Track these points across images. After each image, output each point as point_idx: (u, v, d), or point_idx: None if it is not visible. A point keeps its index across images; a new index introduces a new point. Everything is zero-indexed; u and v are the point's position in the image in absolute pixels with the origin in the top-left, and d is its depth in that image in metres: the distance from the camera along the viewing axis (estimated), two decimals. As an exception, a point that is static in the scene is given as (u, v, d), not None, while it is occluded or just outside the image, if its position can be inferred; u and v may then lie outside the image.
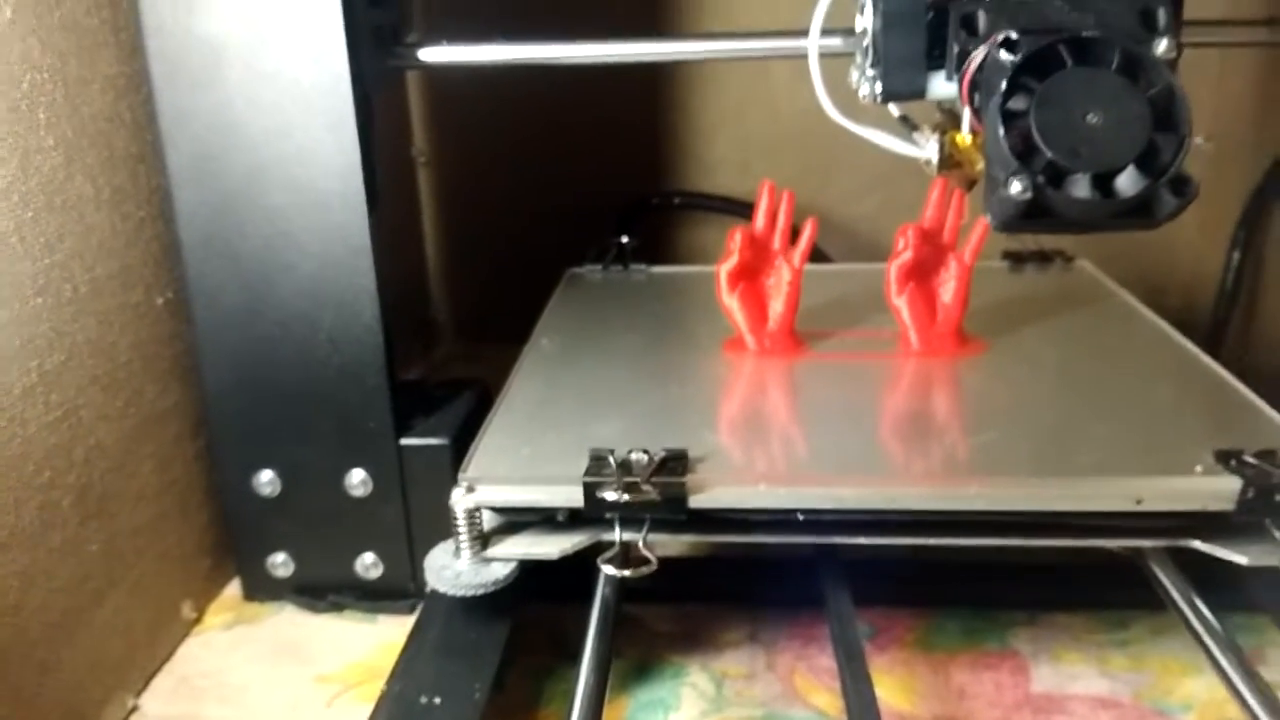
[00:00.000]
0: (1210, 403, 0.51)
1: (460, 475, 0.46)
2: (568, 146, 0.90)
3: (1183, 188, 0.37)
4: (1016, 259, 0.73)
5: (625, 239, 0.76)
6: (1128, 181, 0.37)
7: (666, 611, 0.59)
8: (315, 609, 0.60)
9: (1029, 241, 0.75)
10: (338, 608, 0.60)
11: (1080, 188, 0.37)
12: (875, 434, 0.49)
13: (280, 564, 0.59)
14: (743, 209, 0.87)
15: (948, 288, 0.57)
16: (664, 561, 0.63)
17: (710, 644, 0.56)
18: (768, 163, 0.89)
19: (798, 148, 0.87)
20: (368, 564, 0.59)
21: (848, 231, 0.90)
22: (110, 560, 0.51)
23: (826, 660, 0.54)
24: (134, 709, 0.52)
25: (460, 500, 0.45)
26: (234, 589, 0.62)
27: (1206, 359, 0.55)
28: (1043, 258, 0.73)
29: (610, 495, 0.43)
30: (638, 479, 0.43)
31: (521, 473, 0.46)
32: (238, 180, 0.52)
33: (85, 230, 0.49)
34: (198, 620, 0.59)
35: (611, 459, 0.45)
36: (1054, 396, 0.52)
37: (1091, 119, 0.38)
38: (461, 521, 0.45)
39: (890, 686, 0.52)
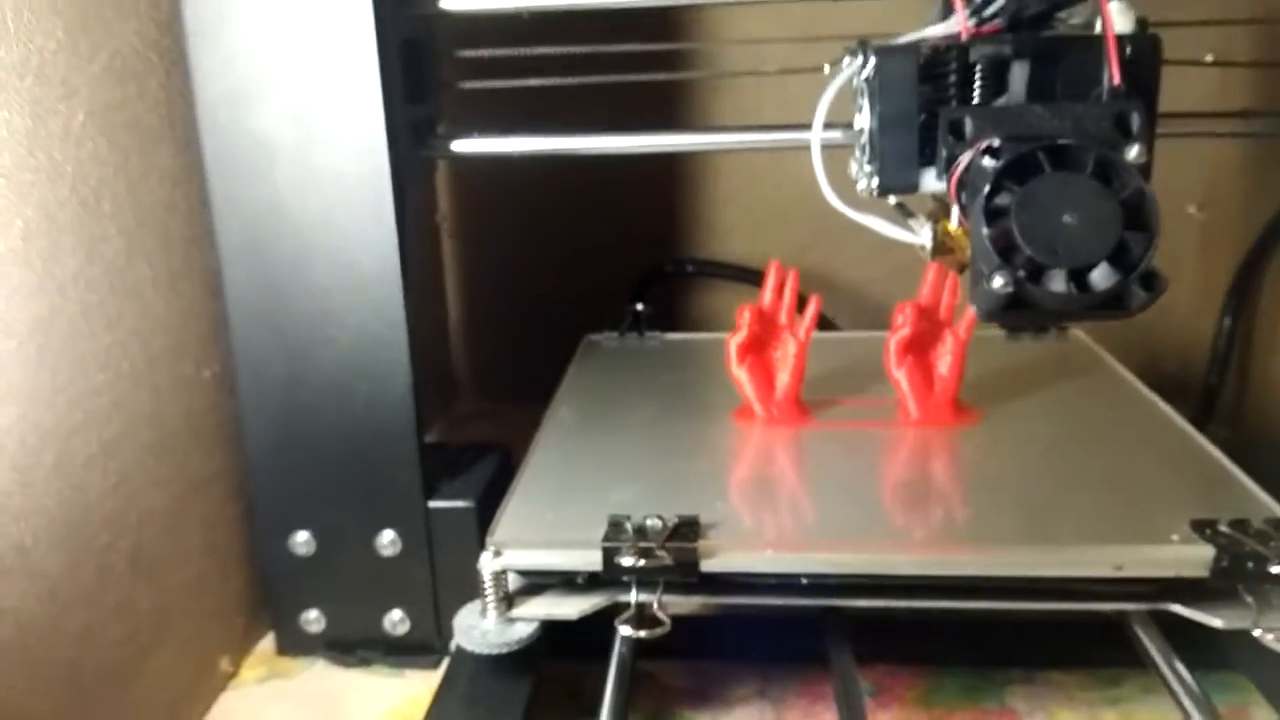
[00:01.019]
0: (1190, 473, 0.54)
1: (488, 539, 0.49)
2: (585, 215, 0.94)
3: (1152, 282, 0.41)
4: (1013, 329, 0.76)
5: (640, 306, 0.80)
6: (1101, 277, 0.41)
7: (680, 668, 0.61)
8: (345, 664, 0.63)
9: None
10: (366, 662, 0.63)
11: (1057, 282, 0.41)
12: (874, 502, 0.53)
13: (313, 620, 0.63)
14: (752, 276, 0.91)
15: (944, 361, 0.60)
16: (677, 619, 0.66)
17: (721, 700, 0.59)
18: (777, 229, 0.93)
19: (806, 215, 0.91)
20: (396, 620, 0.62)
21: (855, 296, 0.93)
22: (158, 618, 0.54)
23: (831, 717, 0.57)
24: (176, 759, 0.55)
25: (488, 563, 0.48)
26: (268, 644, 0.65)
27: (1190, 430, 0.58)
28: (1039, 328, 0.76)
29: (627, 560, 0.46)
30: (653, 544, 0.47)
31: (545, 537, 0.49)
32: (284, 262, 0.56)
33: (143, 310, 0.53)
34: (234, 674, 0.62)
35: (628, 525, 0.48)
36: (1043, 466, 0.56)
37: (1068, 219, 0.41)
38: (489, 583, 0.49)
39: (892, 742, 0.55)
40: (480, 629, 0.49)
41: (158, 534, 0.54)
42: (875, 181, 0.50)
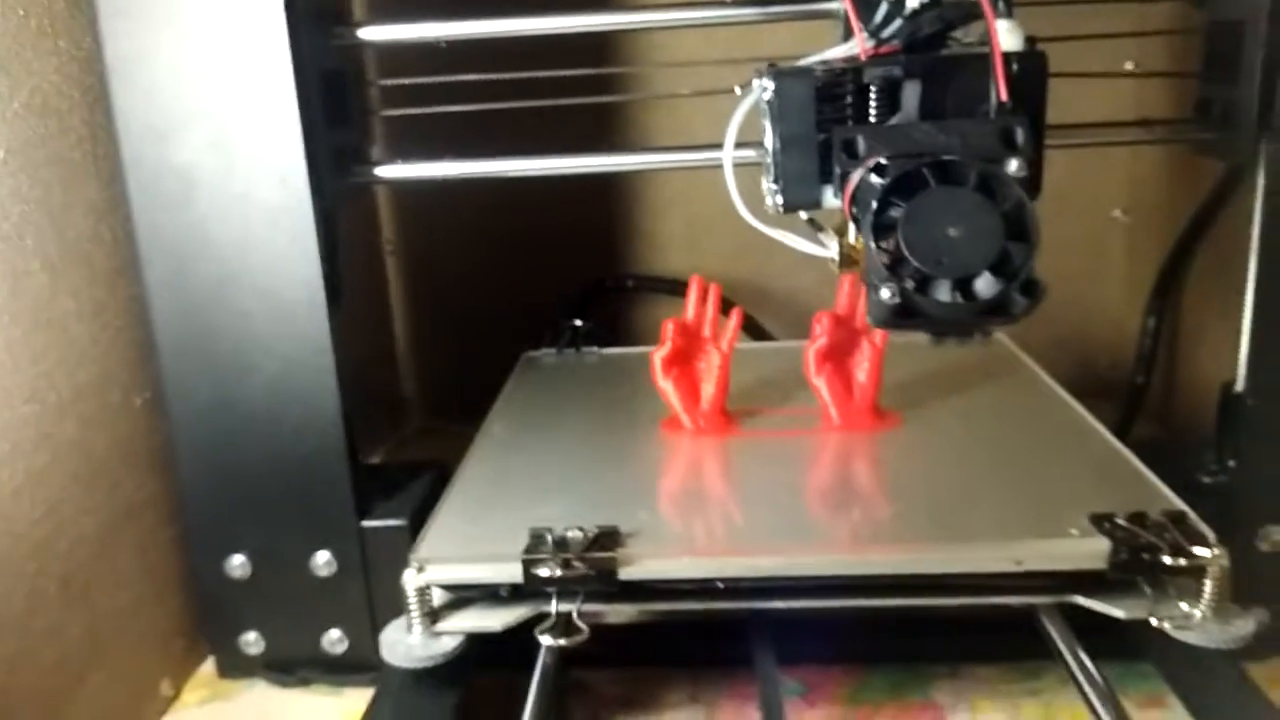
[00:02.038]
0: (1096, 469, 0.56)
1: (411, 555, 0.50)
2: (527, 231, 0.96)
3: (1032, 290, 0.43)
4: (936, 335, 0.78)
5: (578, 322, 0.82)
6: (984, 286, 0.43)
7: (612, 676, 0.63)
8: (285, 684, 0.64)
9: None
10: (306, 682, 0.64)
11: (943, 292, 0.43)
12: (793, 507, 0.54)
13: (252, 642, 0.63)
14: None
15: (862, 368, 0.62)
16: (609, 629, 0.67)
17: (654, 705, 0.60)
18: (713, 240, 0.95)
19: (740, 225, 0.93)
20: (333, 640, 0.63)
21: (789, 304, 0.95)
22: (92, 643, 0.55)
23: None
24: (114, 784, 0.56)
25: (411, 579, 0.50)
26: (209, 667, 0.65)
27: (1100, 429, 0.61)
28: (963, 333, 0.78)
29: (545, 571, 0.47)
30: (571, 555, 0.48)
31: (468, 552, 0.50)
32: (209, 290, 0.57)
33: (68, 341, 0.54)
34: (175, 697, 0.63)
35: (549, 537, 0.49)
36: (956, 467, 0.57)
37: (952, 231, 0.43)
38: (413, 599, 0.50)
39: (818, 740, 0.57)
40: (405, 644, 0.50)
41: (89, 560, 0.55)
42: (779, 199, 0.51)
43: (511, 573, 0.49)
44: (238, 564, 0.62)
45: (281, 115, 0.54)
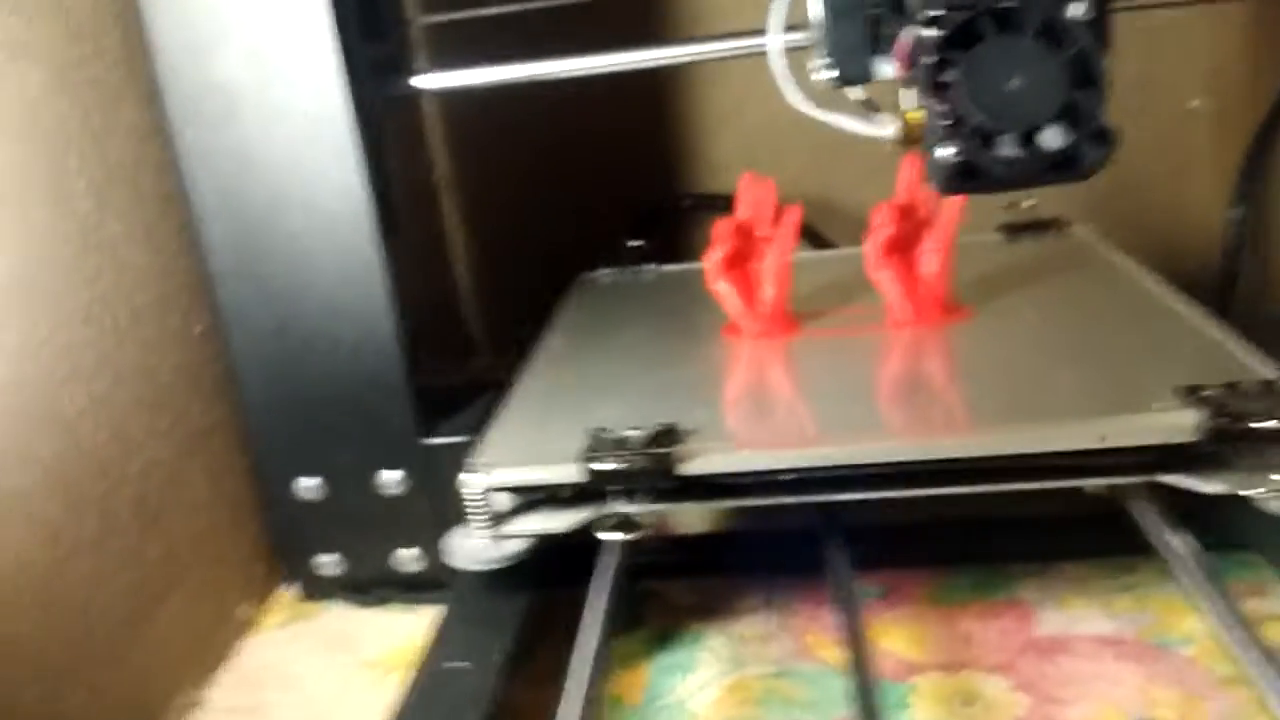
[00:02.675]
0: (1184, 346, 0.53)
1: (471, 460, 0.49)
2: (577, 159, 0.94)
3: (1104, 138, 0.40)
4: (1012, 230, 0.75)
5: (634, 242, 0.80)
6: (1051, 137, 0.40)
7: (686, 586, 0.62)
8: (362, 604, 0.64)
9: (1024, 213, 0.77)
10: (382, 601, 0.64)
11: (1007, 147, 0.40)
12: (861, 400, 0.52)
13: (327, 564, 0.64)
14: (750, 205, 0.90)
15: (928, 259, 0.59)
16: (680, 540, 0.66)
17: (728, 612, 0.59)
18: (772, 157, 0.92)
19: (799, 139, 0.90)
20: (407, 559, 0.63)
21: (854, 219, 0.92)
22: (169, 566, 0.55)
23: (836, 619, 0.57)
24: (200, 702, 0.57)
25: (472, 483, 0.49)
26: (289, 591, 0.66)
27: (1188, 306, 0.57)
28: (1038, 228, 0.75)
29: (605, 466, 0.46)
30: (630, 452, 0.47)
31: (527, 454, 0.50)
32: (258, 210, 0.57)
33: (121, 265, 0.54)
34: (256, 620, 0.64)
35: (608, 436, 0.48)
36: (1033, 353, 0.55)
37: (1014, 83, 0.40)
38: (474, 502, 0.49)
39: (899, 638, 0.55)
40: (470, 547, 0.49)
41: (162, 485, 0.55)
42: (832, 74, 0.49)
43: (571, 472, 0.48)
44: (307, 486, 0.62)
45: (316, 25, 0.53)
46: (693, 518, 0.69)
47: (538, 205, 0.97)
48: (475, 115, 0.94)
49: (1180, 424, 0.45)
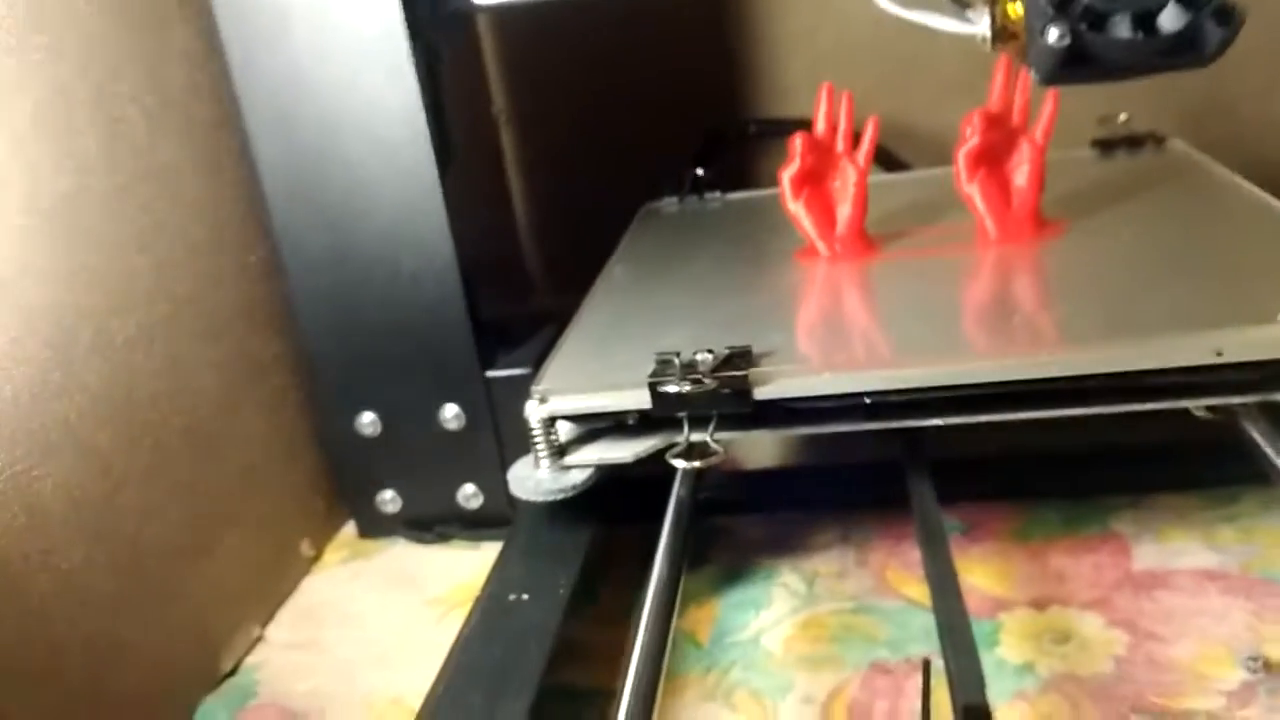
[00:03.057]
0: (1303, 256, 0.48)
1: (533, 388, 0.47)
2: (641, 86, 0.91)
3: (1227, 17, 0.36)
4: (1105, 146, 0.70)
5: (700, 170, 0.77)
6: (1170, 18, 0.36)
7: (758, 520, 0.59)
8: (424, 540, 0.63)
9: (1118, 128, 0.72)
10: (445, 538, 0.63)
11: (1121, 29, 0.36)
12: (945, 320, 0.49)
13: (389, 501, 0.63)
14: (819, 131, 0.86)
15: (1021, 171, 0.55)
16: (754, 473, 0.64)
17: (802, 547, 0.56)
18: (843, 80, 0.87)
19: (872, 61, 0.86)
20: (468, 495, 0.62)
21: (931, 141, 0.88)
22: (225, 500, 0.54)
23: (919, 554, 0.54)
24: (260, 637, 0.56)
25: (534, 411, 0.47)
26: (350, 529, 0.65)
27: (1303, 217, 0.52)
28: (1133, 142, 0.70)
29: (674, 389, 0.44)
30: (701, 374, 0.44)
31: (591, 382, 0.47)
32: (313, 134, 0.55)
33: (175, 193, 0.52)
34: (317, 558, 0.63)
35: (676, 360, 0.46)
36: (1136, 268, 0.51)
37: (1128, -45, 0.36)
38: (537, 432, 0.47)
39: (985, 575, 0.52)
40: (534, 478, 0.47)
41: (215, 416, 0.54)
42: (917, -38, 0.45)
43: (637, 399, 0.45)
44: (367, 422, 0.60)
45: (364, -68, 0.51)
46: (762, 452, 0.66)
47: (598, 138, 0.94)
48: (533, 46, 0.91)
49: (1307, 337, 0.40)
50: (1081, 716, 0.42)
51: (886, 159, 0.81)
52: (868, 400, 0.44)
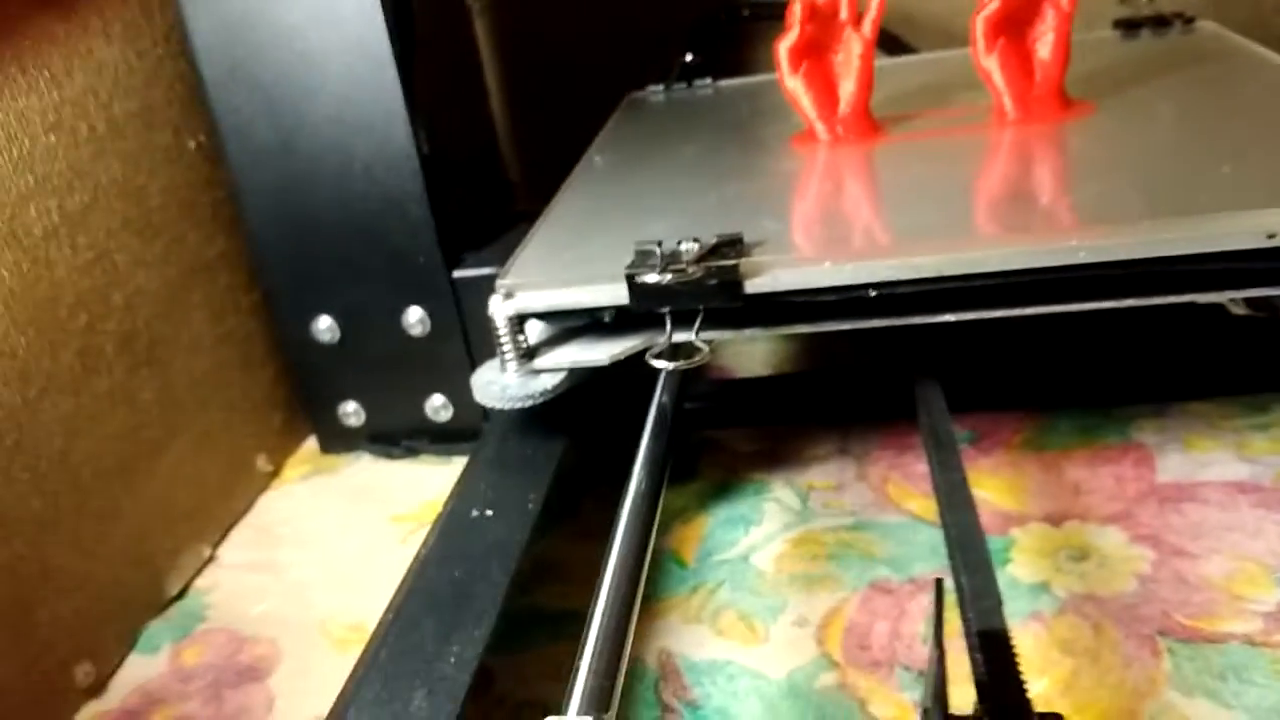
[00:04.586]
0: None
1: (498, 282, 0.42)
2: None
3: None
4: (1129, 26, 0.64)
5: (690, 56, 0.71)
6: None
7: (750, 433, 0.55)
8: (391, 455, 0.58)
9: (1143, 7, 0.66)
10: (413, 453, 0.58)
11: None
12: (959, 205, 0.43)
13: (351, 413, 0.58)
14: (818, 16, 0.79)
15: (1045, 41, 0.50)
16: (746, 381, 0.59)
17: (796, 460, 0.52)
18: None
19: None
20: (437, 406, 0.57)
21: (939, 30, 0.81)
22: (167, 410, 0.50)
23: (923, 466, 0.49)
24: (211, 558, 0.52)
25: (499, 309, 0.42)
26: (312, 444, 0.61)
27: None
28: (1159, 22, 0.64)
29: (654, 279, 0.39)
30: (686, 265, 0.39)
31: (563, 275, 0.42)
32: (252, 2, 0.49)
33: (97, 66, 0.47)
34: (275, 474, 0.58)
35: (658, 250, 0.40)
36: (1172, 146, 0.45)
37: None
38: (503, 332, 0.42)
39: (995, 487, 0.48)
40: (500, 384, 0.42)
41: (154, 318, 0.49)
42: None
43: (614, 293, 0.40)
44: (325, 327, 0.56)
45: None
46: (752, 360, 0.61)
47: (581, 26, 0.87)
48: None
49: (1374, 216, 0.35)
50: (1103, 639, 0.38)
51: (892, 45, 0.75)
52: (872, 293, 0.39)
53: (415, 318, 0.55)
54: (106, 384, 0.46)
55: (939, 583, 0.30)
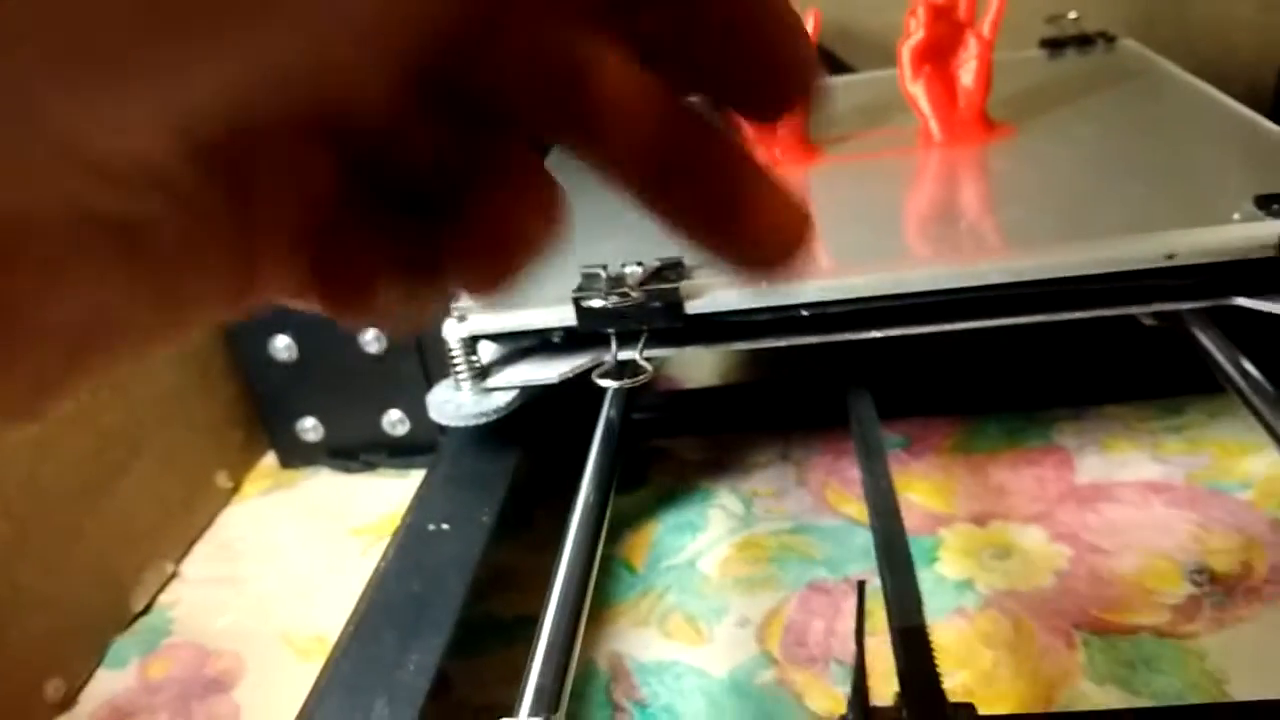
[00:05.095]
0: (1255, 155, 0.46)
1: (451, 305, 0.44)
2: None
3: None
4: (1054, 46, 0.68)
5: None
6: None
7: (697, 442, 0.57)
8: (349, 469, 0.60)
9: (1068, 26, 0.69)
10: (371, 467, 0.60)
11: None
12: (886, 227, 0.46)
13: (310, 429, 0.60)
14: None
15: (968, 68, 0.53)
16: (692, 393, 0.62)
17: (740, 467, 0.54)
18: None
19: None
20: (394, 421, 0.59)
21: (874, 45, 0.84)
22: (129, 431, 0.51)
23: (859, 471, 0.52)
24: (174, 574, 0.53)
25: (453, 330, 0.44)
26: (271, 459, 0.62)
27: (1253, 114, 0.50)
28: (1083, 42, 0.67)
29: (600, 303, 0.41)
30: (630, 288, 0.41)
31: (513, 299, 0.44)
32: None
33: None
34: (236, 489, 0.60)
35: (603, 273, 0.43)
36: (1085, 168, 0.48)
37: None
38: (457, 353, 0.44)
39: (926, 490, 0.51)
40: (455, 402, 0.44)
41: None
42: None
43: (562, 315, 0.42)
44: (282, 345, 0.57)
45: None
46: (700, 371, 0.64)
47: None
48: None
49: (1260, 237, 0.39)
50: (1022, 633, 0.41)
51: (828, 61, 0.78)
52: (804, 313, 0.42)
53: (371, 334, 0.56)
54: (70, 407, 0.47)
55: (861, 585, 0.32)
